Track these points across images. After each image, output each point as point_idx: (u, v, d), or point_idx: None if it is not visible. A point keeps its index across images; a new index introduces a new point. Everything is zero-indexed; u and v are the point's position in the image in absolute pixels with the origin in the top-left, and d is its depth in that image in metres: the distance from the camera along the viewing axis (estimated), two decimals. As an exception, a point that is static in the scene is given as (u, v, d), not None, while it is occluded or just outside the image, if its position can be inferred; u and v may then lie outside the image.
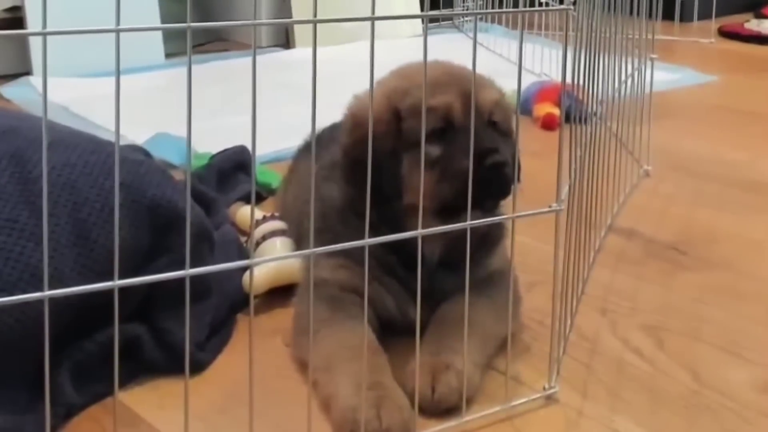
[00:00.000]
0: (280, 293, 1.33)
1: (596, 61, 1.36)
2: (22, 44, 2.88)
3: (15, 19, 2.89)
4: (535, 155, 1.49)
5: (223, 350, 1.22)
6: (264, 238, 1.42)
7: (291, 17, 3.35)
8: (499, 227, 1.25)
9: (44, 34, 0.71)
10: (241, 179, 1.80)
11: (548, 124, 2.32)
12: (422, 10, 0.98)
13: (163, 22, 3.06)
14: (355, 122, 1.19)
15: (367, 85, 0.91)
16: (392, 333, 1.19)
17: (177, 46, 3.12)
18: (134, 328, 1.16)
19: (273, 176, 1.80)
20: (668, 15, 3.31)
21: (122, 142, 1.11)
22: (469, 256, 1.02)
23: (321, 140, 1.20)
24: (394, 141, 1.14)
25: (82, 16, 2.68)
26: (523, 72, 1.05)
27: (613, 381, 1.16)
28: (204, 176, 1.74)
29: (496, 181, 1.12)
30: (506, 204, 1.26)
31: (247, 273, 1.27)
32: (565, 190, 1.15)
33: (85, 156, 1.18)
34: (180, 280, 0.82)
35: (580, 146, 1.23)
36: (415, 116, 1.12)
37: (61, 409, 1.05)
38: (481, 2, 3.60)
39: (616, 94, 1.74)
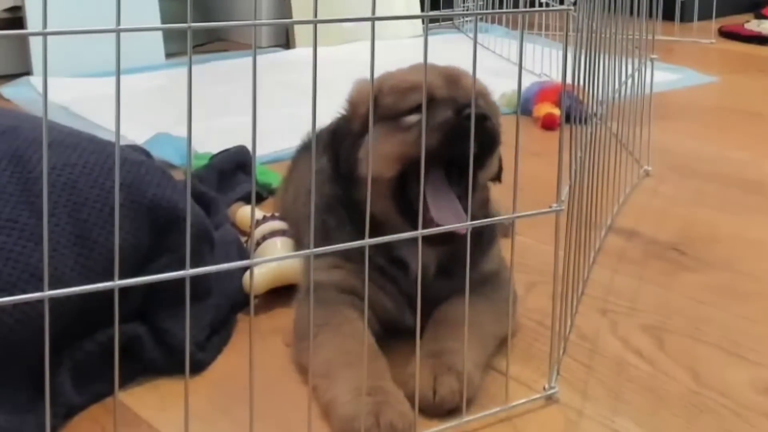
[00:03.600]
0: (280, 293, 1.33)
1: (596, 62, 1.35)
2: (22, 44, 2.88)
3: (15, 19, 2.89)
4: (535, 155, 1.49)
5: (223, 350, 1.22)
6: (264, 238, 1.42)
7: (291, 17, 3.36)
8: (491, 228, 1.25)
9: (44, 34, 0.71)
10: (242, 179, 1.80)
11: (548, 124, 2.32)
12: (423, 10, 0.98)
13: (163, 22, 3.06)
14: (349, 103, 1.24)
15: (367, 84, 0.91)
16: (391, 334, 1.19)
17: (177, 46, 3.12)
18: (134, 328, 1.16)
19: (273, 176, 1.80)
20: (668, 15, 3.31)
21: (122, 142, 1.11)
22: (467, 256, 1.01)
23: (320, 140, 1.20)
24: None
25: (82, 16, 2.68)
26: (523, 72, 1.05)
27: (613, 381, 1.16)
28: (204, 176, 1.73)
29: (478, 133, 1.04)
30: (506, 205, 1.26)
31: (248, 273, 1.27)
32: (565, 190, 1.15)
33: (86, 156, 1.18)
34: (180, 281, 0.82)
35: (581, 146, 1.23)
36: (394, 94, 1.17)
37: (61, 409, 1.05)
38: (482, 2, 3.60)
39: (617, 95, 1.74)
